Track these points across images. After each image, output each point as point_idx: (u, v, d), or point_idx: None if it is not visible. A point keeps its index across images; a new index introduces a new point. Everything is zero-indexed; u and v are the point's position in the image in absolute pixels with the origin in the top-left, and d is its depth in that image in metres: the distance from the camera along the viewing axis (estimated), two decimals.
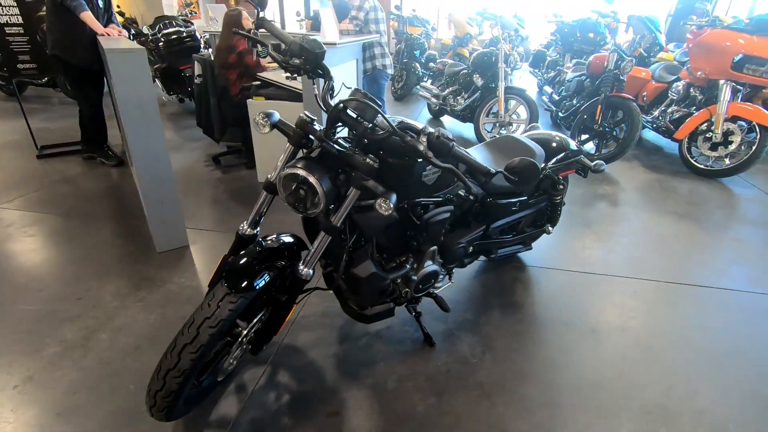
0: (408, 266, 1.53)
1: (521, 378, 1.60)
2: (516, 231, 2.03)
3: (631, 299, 2.06)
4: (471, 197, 1.64)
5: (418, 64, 6.73)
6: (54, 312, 1.90)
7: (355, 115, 1.12)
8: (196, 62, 3.32)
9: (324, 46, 1.18)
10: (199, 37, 5.33)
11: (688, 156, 3.76)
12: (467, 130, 5.00)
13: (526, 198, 1.85)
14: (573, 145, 2.03)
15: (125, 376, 1.58)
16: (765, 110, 3.36)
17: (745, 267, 2.35)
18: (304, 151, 1.24)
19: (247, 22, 3.44)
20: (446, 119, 5.50)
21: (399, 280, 1.53)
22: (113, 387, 1.53)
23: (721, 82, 3.49)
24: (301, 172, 1.11)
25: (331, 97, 1.26)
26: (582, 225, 2.75)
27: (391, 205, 1.14)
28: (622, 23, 6.25)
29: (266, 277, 1.20)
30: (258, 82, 3.30)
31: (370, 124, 1.13)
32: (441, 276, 1.69)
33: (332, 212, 1.23)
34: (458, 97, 4.77)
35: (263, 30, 1.40)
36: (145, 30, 6.00)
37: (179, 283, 2.12)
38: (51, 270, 2.20)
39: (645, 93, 4.52)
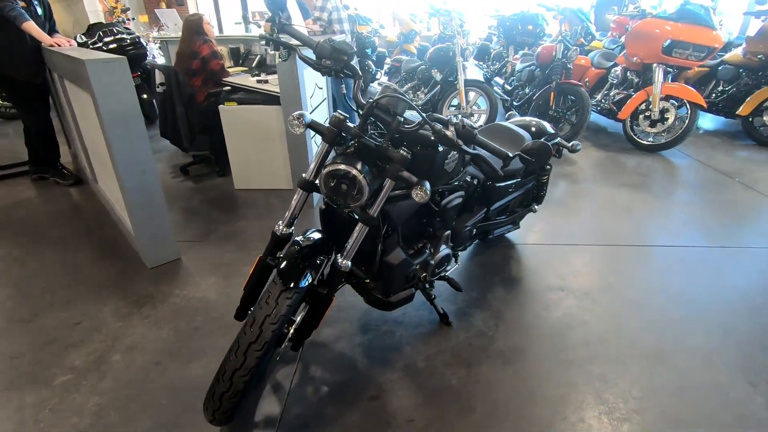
0: (427, 251, 1.62)
1: (535, 342, 1.75)
2: (508, 211, 2.19)
3: (611, 262, 2.29)
4: (476, 181, 1.77)
5: (371, 62, 6.81)
6: (53, 341, 1.80)
7: (389, 111, 1.19)
8: (157, 71, 3.19)
9: (353, 47, 1.24)
10: (144, 44, 5.08)
11: (631, 134, 4.16)
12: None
13: (519, 179, 2.00)
14: (549, 128, 2.22)
15: (154, 393, 1.54)
16: (692, 88, 3.81)
17: (695, 226, 2.67)
18: (337, 148, 1.29)
19: (209, 27, 3.36)
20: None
21: (418, 266, 1.62)
22: (144, 405, 1.50)
23: (654, 65, 3.90)
24: (346, 167, 1.16)
25: (362, 94, 1.31)
26: (555, 202, 2.99)
27: (428, 192, 1.22)
28: (554, 17, 6.72)
29: (312, 273, 1.24)
30: (227, 88, 3.24)
31: (402, 118, 1.20)
32: (452, 259, 1.80)
33: (368, 204, 1.29)
34: (419, 92, 4.92)
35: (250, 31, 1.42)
36: (79, 39, 5.59)
37: (182, 295, 2.07)
38: (37, 300, 2.06)
39: (587, 79, 4.91)
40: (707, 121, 5.17)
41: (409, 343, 1.75)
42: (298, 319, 1.37)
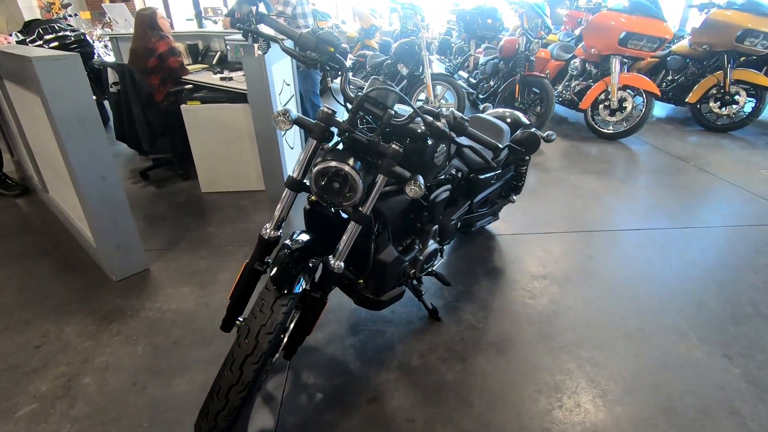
0: (416, 247, 1.60)
1: (525, 331, 1.77)
2: (489, 203, 2.20)
3: (588, 248, 2.36)
4: (460, 174, 1.76)
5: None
6: (12, 367, 1.64)
7: (378, 104, 1.15)
8: (110, 69, 2.97)
9: (340, 38, 1.18)
10: (91, 41, 4.74)
11: (593, 123, 4.32)
12: None
13: (501, 170, 2.01)
14: (524, 119, 2.25)
15: (134, 416, 1.43)
16: (647, 78, 4.00)
17: (659, 209, 2.80)
18: (325, 145, 1.23)
19: (164, 21, 3.17)
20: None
21: (408, 263, 1.59)
22: (123, 429, 1.38)
23: (612, 56, 4.05)
24: (338, 164, 1.11)
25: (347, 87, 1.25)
26: (528, 192, 3.04)
27: (422, 187, 1.19)
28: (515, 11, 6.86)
29: (306, 276, 1.18)
30: (188, 86, 3.07)
31: (393, 111, 1.16)
32: (439, 253, 1.79)
33: (360, 202, 1.24)
34: None
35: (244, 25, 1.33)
36: (16, 37, 5.15)
37: (156, 308, 1.94)
38: None
39: (548, 71, 5.05)
40: (659, 109, 5.45)
41: (402, 342, 1.72)
42: (291, 325, 1.31)
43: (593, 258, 2.28)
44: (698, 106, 4.52)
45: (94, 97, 4.80)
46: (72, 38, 4.74)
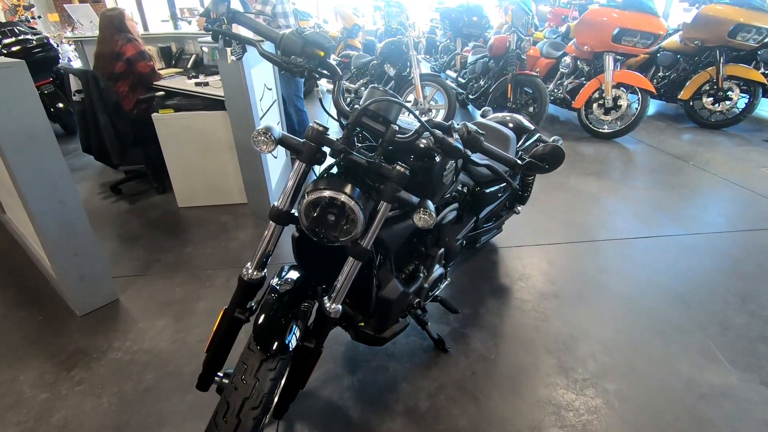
0: (421, 275, 1.41)
1: (542, 361, 1.60)
2: (494, 216, 2.03)
3: (597, 260, 2.20)
4: (465, 189, 1.57)
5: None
6: None
7: (379, 118, 0.95)
8: (72, 76, 2.71)
9: (332, 40, 0.98)
10: (55, 45, 4.43)
11: (587, 122, 4.19)
12: None
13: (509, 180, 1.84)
14: (527, 122, 2.08)
15: None
16: (641, 75, 3.89)
17: (667, 213, 2.67)
18: (316, 168, 1.03)
19: (132, 23, 2.91)
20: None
21: (413, 293, 1.41)
22: None
23: (605, 53, 3.93)
24: (333, 193, 0.91)
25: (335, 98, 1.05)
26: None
27: (433, 215, 1.00)
28: (503, 8, 6.74)
29: (295, 332, 0.98)
30: (161, 93, 2.83)
31: (397, 126, 0.97)
32: (445, 277, 1.61)
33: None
34: None
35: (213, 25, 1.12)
36: None
37: (125, 348, 1.71)
38: None
39: (538, 69, 4.92)
40: (650, 106, 5.37)
41: (406, 379, 1.53)
42: (282, 382, 1.11)
43: (603, 270, 2.13)
44: (691, 102, 4.44)
45: (61, 105, 4.52)
46: (34, 42, 4.42)
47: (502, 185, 1.76)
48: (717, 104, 4.24)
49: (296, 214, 1.03)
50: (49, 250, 1.77)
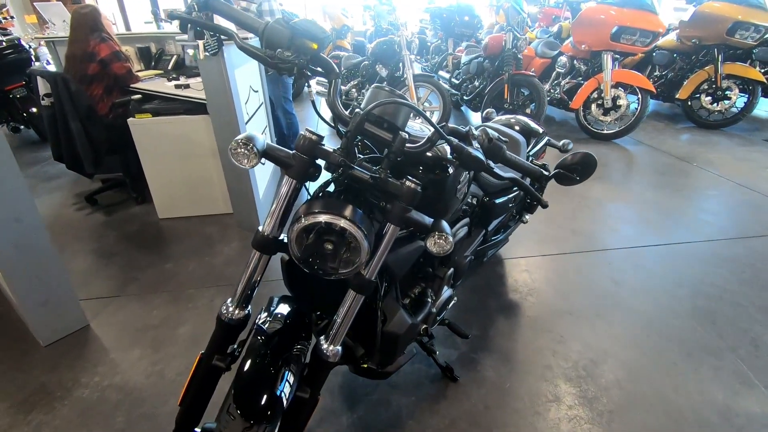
0: (429, 300, 1.24)
1: (561, 392, 1.44)
2: (503, 228, 1.87)
3: (609, 271, 2.06)
4: (475, 200, 1.42)
5: None
6: None
7: (384, 125, 0.79)
8: (40, 79, 2.50)
9: (326, 30, 0.81)
10: (29, 47, 4.19)
11: (585, 123, 4.08)
12: None
13: (518, 191, 1.69)
14: (534, 125, 1.94)
15: None
16: (641, 75, 3.79)
17: (675, 218, 2.55)
18: (308, 185, 0.86)
19: (107, 21, 2.71)
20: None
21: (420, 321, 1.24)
22: None
23: (603, 52, 3.82)
24: (331, 217, 0.74)
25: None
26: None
27: (450, 239, 0.84)
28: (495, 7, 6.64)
29: (289, 379, 0.81)
30: (137, 96, 2.62)
31: (406, 134, 0.80)
32: (453, 298, 1.44)
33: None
34: (363, 90, 4.52)
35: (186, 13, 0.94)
36: None
37: (93, 384, 1.52)
38: None
39: (533, 69, 4.79)
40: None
41: (412, 415, 1.37)
42: None
43: (618, 282, 1.98)
44: (689, 102, 4.35)
45: (35, 109, 4.27)
46: (5, 43, 4.18)
47: (512, 195, 1.61)
48: (716, 104, 4.16)
49: (285, 240, 0.86)
50: (6, 273, 1.57)
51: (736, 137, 4.00)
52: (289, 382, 0.82)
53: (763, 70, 4.29)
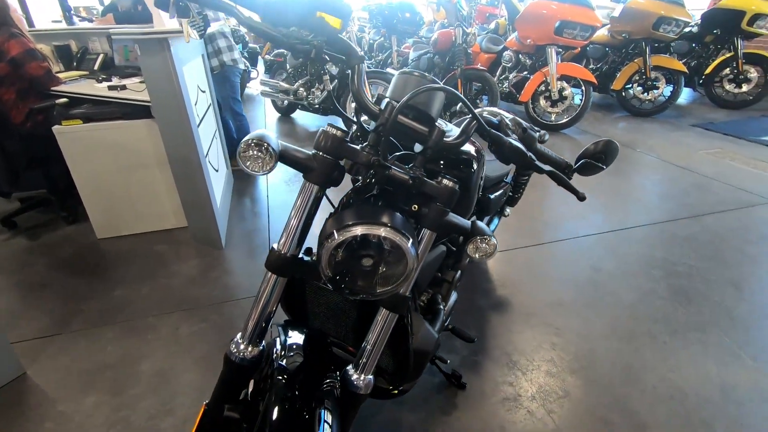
0: (440, 306, 1.15)
1: (567, 380, 1.42)
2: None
3: (588, 257, 2.10)
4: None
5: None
6: None
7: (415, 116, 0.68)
8: None
9: (350, 5, 0.67)
10: None
11: (534, 115, 4.21)
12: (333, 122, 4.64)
13: (508, 182, 1.64)
14: (509, 117, 1.91)
15: None
16: (583, 67, 3.97)
17: (634, 201, 2.67)
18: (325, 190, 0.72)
19: (17, 15, 2.32)
20: (300, 115, 4.99)
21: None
22: None
23: (548, 46, 3.95)
24: (370, 228, 0.61)
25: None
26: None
27: (494, 241, 0.75)
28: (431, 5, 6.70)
29: (327, 419, 0.67)
30: (62, 100, 2.27)
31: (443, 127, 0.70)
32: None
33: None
34: (313, 89, 4.34)
35: None
36: None
37: None
38: None
39: (479, 64, 4.87)
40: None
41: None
42: None
43: (597, 270, 2.02)
44: (623, 92, 4.65)
45: None
46: None
47: (502, 189, 1.56)
48: (646, 93, 4.48)
49: (305, 258, 0.72)
50: None
51: (667, 123, 4.33)
52: (328, 423, 0.68)
53: (682, 62, 4.70)
